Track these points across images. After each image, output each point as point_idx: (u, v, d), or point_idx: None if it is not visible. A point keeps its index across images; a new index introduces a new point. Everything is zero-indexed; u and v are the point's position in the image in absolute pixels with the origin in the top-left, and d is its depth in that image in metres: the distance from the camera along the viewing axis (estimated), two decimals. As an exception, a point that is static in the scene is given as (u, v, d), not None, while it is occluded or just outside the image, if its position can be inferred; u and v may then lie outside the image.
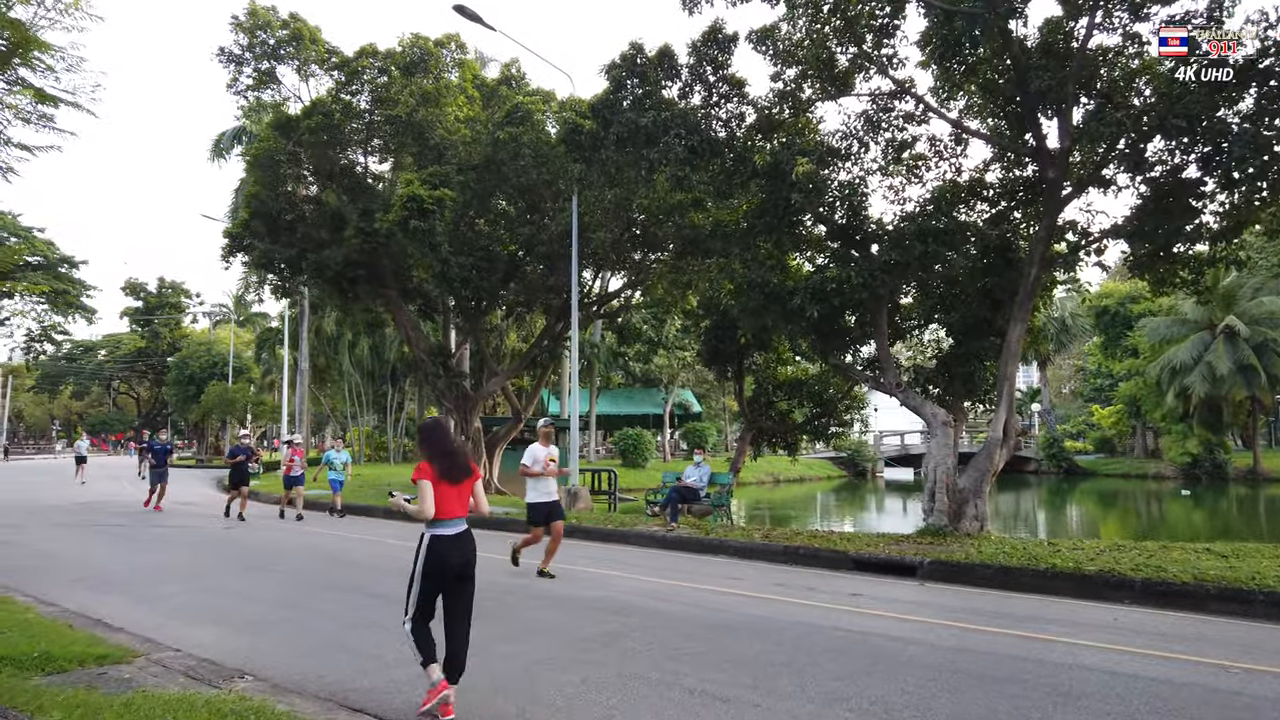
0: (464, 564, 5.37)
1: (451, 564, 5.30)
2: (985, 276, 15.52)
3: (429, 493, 5.24)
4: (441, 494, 5.30)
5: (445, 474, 5.34)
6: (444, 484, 5.32)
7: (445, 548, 5.30)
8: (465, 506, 5.48)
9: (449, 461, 5.40)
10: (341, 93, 22.25)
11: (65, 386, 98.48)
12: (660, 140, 14.87)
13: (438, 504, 5.26)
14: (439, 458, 5.39)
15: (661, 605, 8.93)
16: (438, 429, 5.64)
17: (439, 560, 5.28)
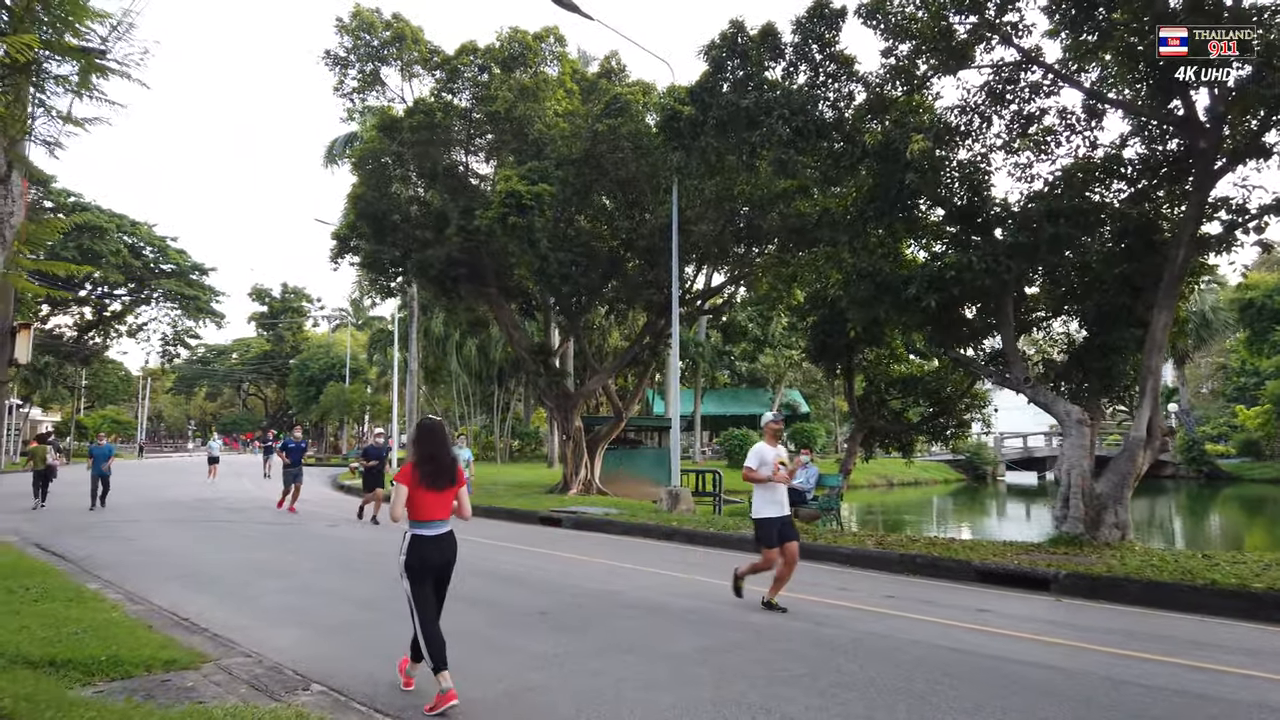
0: (443, 564, 5.59)
1: (432, 563, 5.51)
2: (1124, 261, 14.11)
3: (402, 497, 5.41)
4: (422, 498, 5.45)
5: (427, 479, 5.47)
6: (423, 489, 5.45)
7: (426, 548, 5.49)
8: (448, 510, 5.63)
9: (433, 468, 5.49)
10: (443, 91, 22.26)
11: (200, 388, 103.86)
12: (763, 123, 14.08)
13: (419, 507, 5.45)
14: (423, 463, 5.51)
15: (763, 619, 8.19)
16: (429, 435, 5.65)
17: (419, 559, 5.48)
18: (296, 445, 19.84)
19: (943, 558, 11.35)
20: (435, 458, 5.53)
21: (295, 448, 19.77)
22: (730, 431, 41.00)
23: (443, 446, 5.61)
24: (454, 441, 13.98)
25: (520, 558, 12.57)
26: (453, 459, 5.67)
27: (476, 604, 8.91)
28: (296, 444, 19.85)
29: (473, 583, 10.20)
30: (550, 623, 7.99)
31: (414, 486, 5.42)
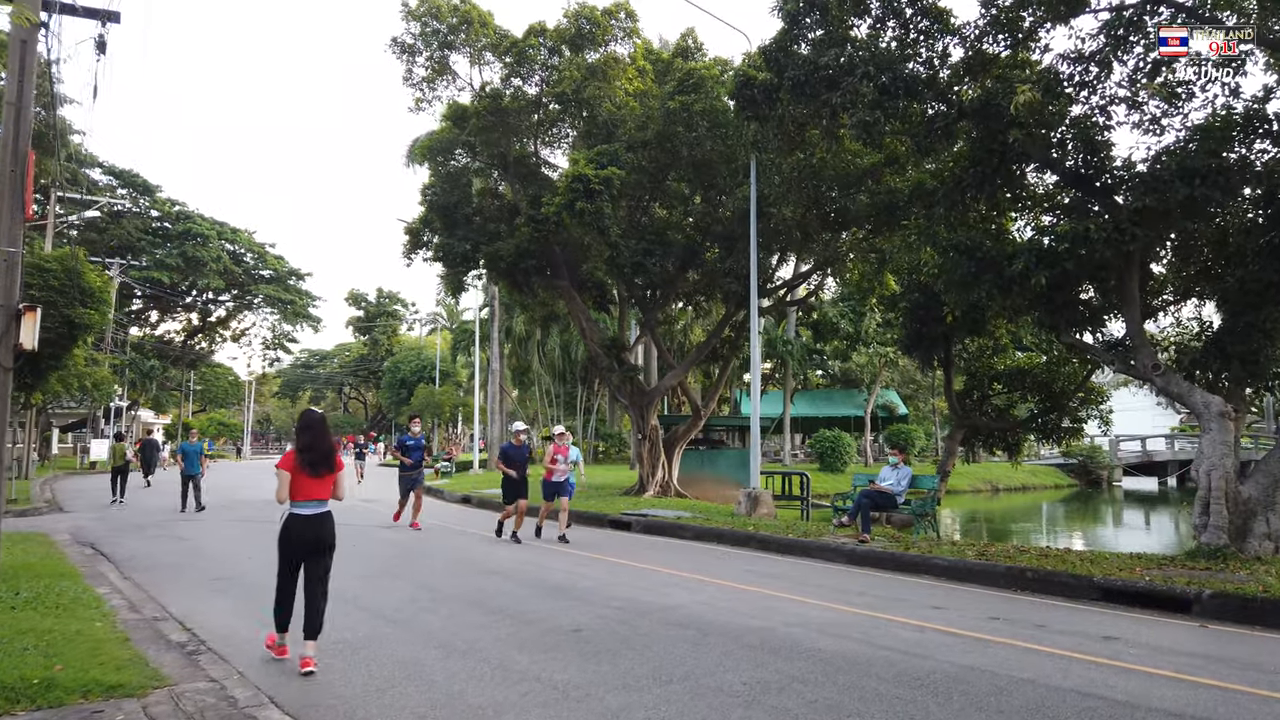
0: (316, 539, 6.25)
1: (305, 538, 6.23)
2: (1272, 229, 12.12)
3: (285, 481, 6.15)
4: (301, 482, 6.20)
5: (307, 466, 6.19)
6: (303, 474, 6.19)
7: (299, 525, 6.23)
8: (326, 493, 6.34)
9: (312, 455, 6.21)
10: (512, 77, 21.40)
11: (304, 392, 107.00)
12: (844, 83, 12.62)
13: (296, 488, 6.19)
14: (304, 451, 6.22)
15: (836, 644, 6.81)
16: (308, 427, 6.36)
17: (292, 534, 6.22)
18: (415, 443, 15.91)
19: (1057, 572, 9.71)
20: (314, 447, 6.26)
21: (414, 445, 15.89)
22: (822, 433, 39.15)
23: (322, 437, 6.35)
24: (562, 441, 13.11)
25: (575, 564, 11.45)
26: (331, 448, 6.36)
27: (507, 617, 7.82)
28: (415, 441, 15.94)
29: (513, 592, 9.14)
30: (582, 643, 6.82)
31: (295, 472, 6.17)
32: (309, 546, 6.22)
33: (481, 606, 8.37)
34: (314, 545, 6.23)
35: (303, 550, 6.21)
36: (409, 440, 15.97)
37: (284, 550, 6.22)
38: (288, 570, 6.25)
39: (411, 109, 22.20)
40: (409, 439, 15.97)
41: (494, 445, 40.38)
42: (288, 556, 6.23)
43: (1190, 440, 47.06)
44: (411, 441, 15.92)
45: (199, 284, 60.84)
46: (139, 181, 56.50)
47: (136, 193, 56.65)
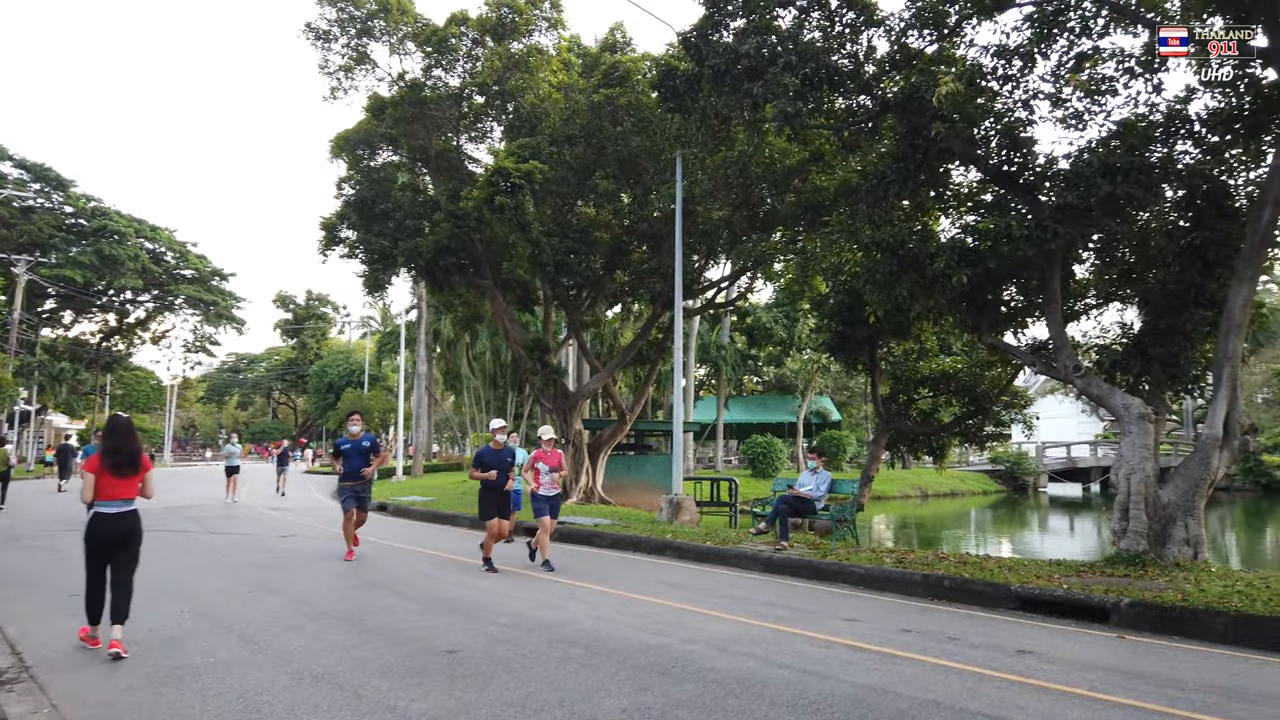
0: (119, 536, 6.61)
1: (108, 535, 6.58)
2: (1192, 231, 11.99)
3: (90, 482, 6.52)
4: (106, 482, 6.54)
5: (111, 468, 6.57)
6: (107, 474, 6.55)
7: (103, 523, 6.57)
8: (131, 492, 6.70)
9: (116, 458, 6.59)
10: (433, 68, 20.63)
11: (231, 397, 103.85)
12: (766, 73, 12.17)
13: (102, 488, 6.52)
14: (107, 454, 6.60)
15: (733, 663, 6.25)
16: (114, 431, 6.75)
17: (98, 531, 6.57)
18: (354, 446, 12.26)
19: (974, 580, 9.32)
20: (120, 449, 6.65)
21: (352, 449, 12.23)
22: (753, 439, 38.88)
23: (127, 440, 6.72)
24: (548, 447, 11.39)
25: (472, 576, 10.73)
26: (135, 450, 6.73)
27: (380, 636, 7.10)
28: (354, 444, 12.29)
29: (395, 608, 8.40)
30: (455, 665, 6.15)
31: (100, 473, 6.51)
32: (114, 543, 6.60)
33: (355, 624, 7.63)
34: (118, 541, 6.62)
35: (108, 546, 6.59)
36: (344, 444, 12.35)
37: (90, 547, 6.59)
38: (95, 566, 6.63)
39: (326, 98, 21.28)
40: (344, 441, 12.43)
41: (420, 450, 39.27)
42: (94, 553, 6.60)
43: (1113, 447, 48.02)
44: (348, 445, 12.25)
45: (116, 284, 58.42)
46: (51, 176, 54.01)
47: (49, 187, 54.18)
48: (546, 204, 20.07)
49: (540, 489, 11.49)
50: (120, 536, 6.60)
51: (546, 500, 11.54)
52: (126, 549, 6.68)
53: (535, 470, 11.51)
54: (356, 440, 12.35)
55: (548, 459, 11.58)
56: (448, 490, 26.60)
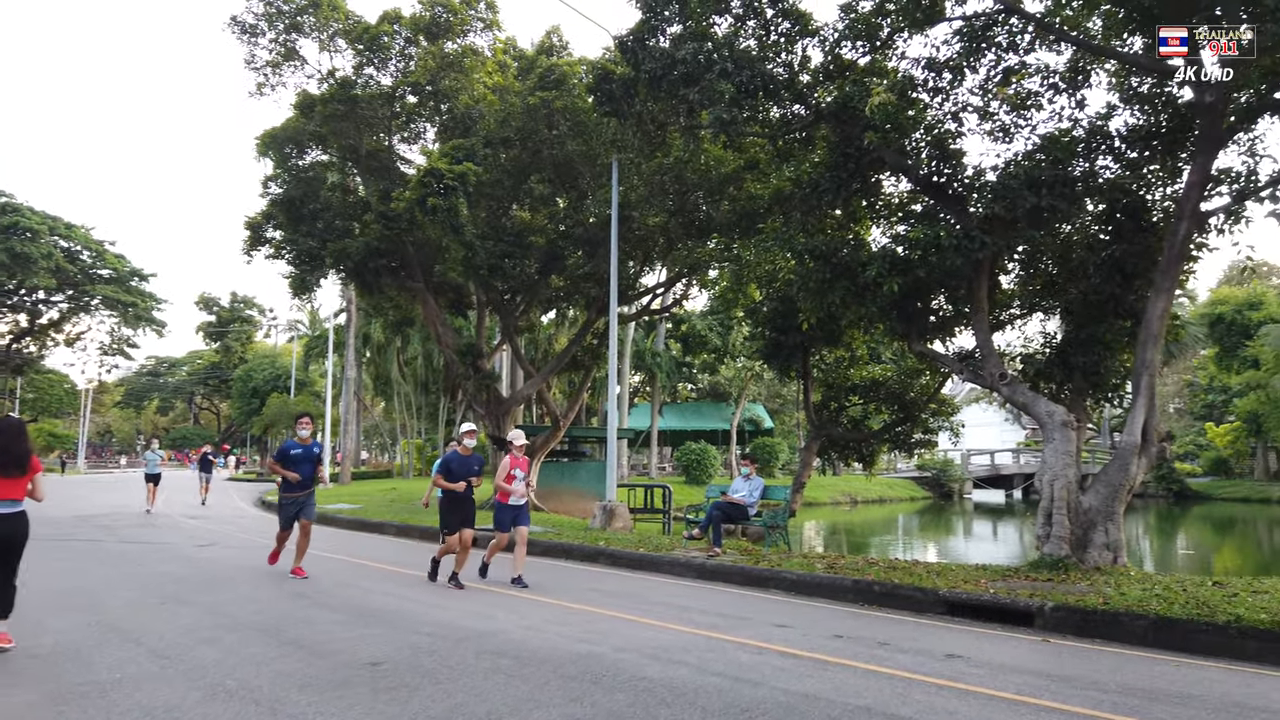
0: (7, 537, 6.70)
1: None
2: (1112, 244, 12.39)
3: None
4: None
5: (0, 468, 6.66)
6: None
7: None
8: (19, 493, 6.78)
9: (5, 458, 6.65)
10: (365, 66, 20.21)
11: (150, 402, 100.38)
12: (702, 79, 12.18)
13: None
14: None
15: (665, 671, 6.15)
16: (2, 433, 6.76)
17: None
18: (304, 452, 10.78)
19: (904, 585, 9.40)
20: (7, 450, 6.69)
21: (303, 455, 10.75)
22: (687, 445, 39.00)
23: (16, 442, 6.76)
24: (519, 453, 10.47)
25: (400, 585, 10.45)
26: (24, 452, 6.77)
27: (301, 649, 6.83)
28: (305, 450, 10.80)
29: (319, 619, 8.10)
30: (378, 677, 5.93)
31: None
32: (3, 544, 6.71)
33: (275, 636, 7.34)
34: (6, 542, 6.73)
35: None
36: (294, 448, 10.80)
37: None
38: None
39: (253, 94, 20.68)
40: (293, 446, 10.85)
41: (347, 459, 38.41)
42: None
43: (1035, 454, 49.42)
44: (299, 450, 10.75)
45: (27, 283, 55.99)
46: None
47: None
48: (481, 207, 19.81)
49: (511, 498, 10.34)
50: (8, 538, 6.73)
51: (517, 510, 10.45)
52: (13, 549, 6.81)
53: (510, 477, 10.29)
54: (308, 445, 10.84)
55: (520, 465, 10.46)
56: (375, 498, 26.06)
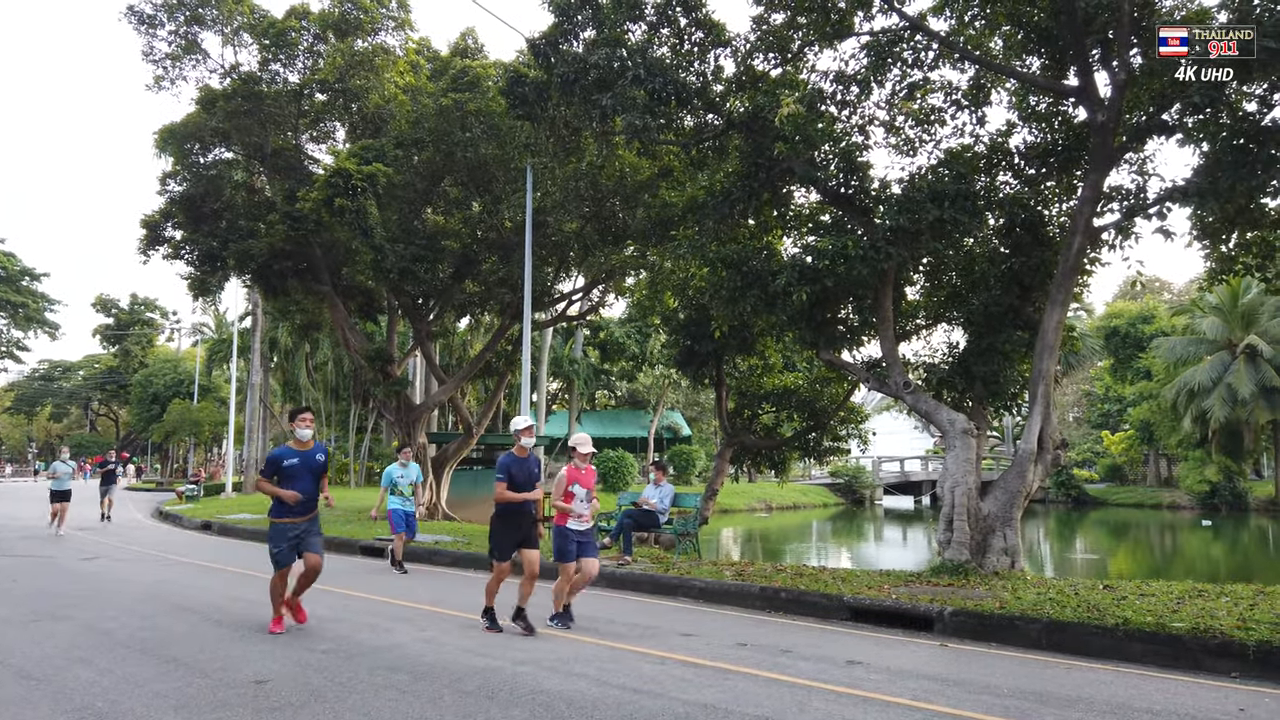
0: None
1: None
2: (1011, 258, 12.80)
3: None
4: None
5: None
6: None
7: None
8: None
9: None
10: (271, 61, 19.59)
11: (43, 407, 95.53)
12: (615, 85, 12.13)
13: None
14: None
15: (565, 684, 6.02)
16: None
17: None
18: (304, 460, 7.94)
19: (810, 591, 9.47)
20: None
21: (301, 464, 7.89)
22: (605, 453, 38.90)
23: None
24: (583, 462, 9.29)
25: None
26: None
27: (182, 667, 6.47)
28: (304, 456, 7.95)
29: (206, 635, 7.71)
30: (262, 697, 5.64)
31: None
32: None
33: (157, 654, 6.94)
34: None
35: None
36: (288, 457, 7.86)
37: None
38: None
39: (150, 87, 19.82)
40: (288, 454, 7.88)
41: (252, 466, 37.04)
42: None
43: (943, 461, 50.91)
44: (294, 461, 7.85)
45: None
46: None
47: None
48: (391, 209, 19.40)
49: (573, 520, 8.21)
50: None
51: (583, 537, 8.34)
52: None
53: (569, 495, 8.19)
54: (307, 451, 7.89)
55: (584, 479, 8.33)
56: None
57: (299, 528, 7.91)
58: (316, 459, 8.07)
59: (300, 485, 7.81)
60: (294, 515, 7.87)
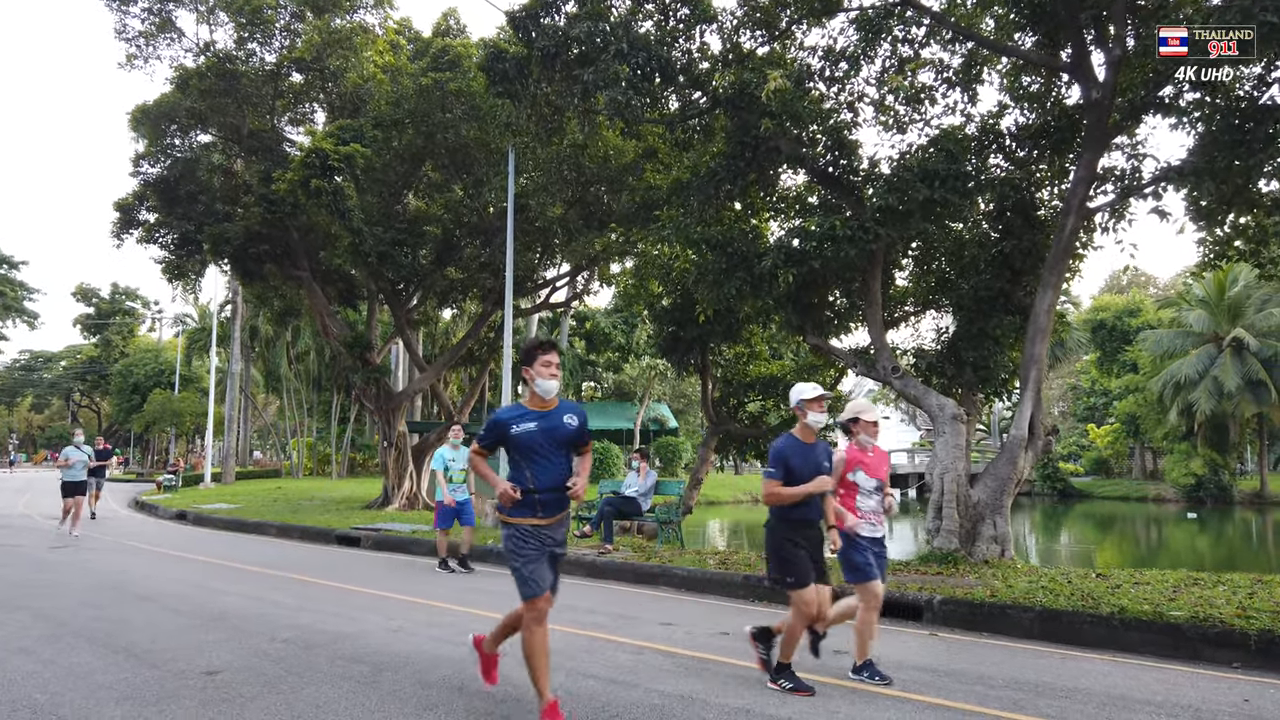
0: None
1: None
2: (1002, 241, 12.52)
3: None
4: None
5: None
6: None
7: None
8: None
9: None
10: (248, 40, 19.12)
11: (23, 398, 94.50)
12: (597, 60, 11.77)
13: None
14: None
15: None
16: None
17: None
18: (545, 425, 4.86)
19: (795, 581, 9.16)
20: None
21: (540, 431, 4.84)
22: (590, 444, 38.52)
23: None
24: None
25: (264, 588, 9.68)
26: None
27: (132, 657, 6.14)
28: (545, 420, 4.87)
29: (163, 624, 7.36)
30: (211, 689, 5.30)
31: None
32: None
33: (106, 644, 6.58)
34: None
35: None
36: (520, 419, 4.90)
37: None
38: None
39: (123, 65, 19.30)
40: (519, 415, 4.93)
41: (230, 457, 36.56)
42: None
43: (928, 453, 50.79)
44: (530, 426, 4.86)
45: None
46: None
47: None
48: (372, 193, 18.99)
49: (861, 525, 5.82)
50: None
51: (877, 546, 5.93)
52: None
53: (850, 487, 5.91)
54: (551, 413, 4.93)
55: (872, 464, 5.96)
56: (258, 497, 24.82)
57: (553, 535, 4.92)
58: (566, 425, 4.88)
59: (544, 466, 4.81)
60: (539, 514, 4.81)
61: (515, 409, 4.99)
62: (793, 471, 5.52)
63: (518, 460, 4.87)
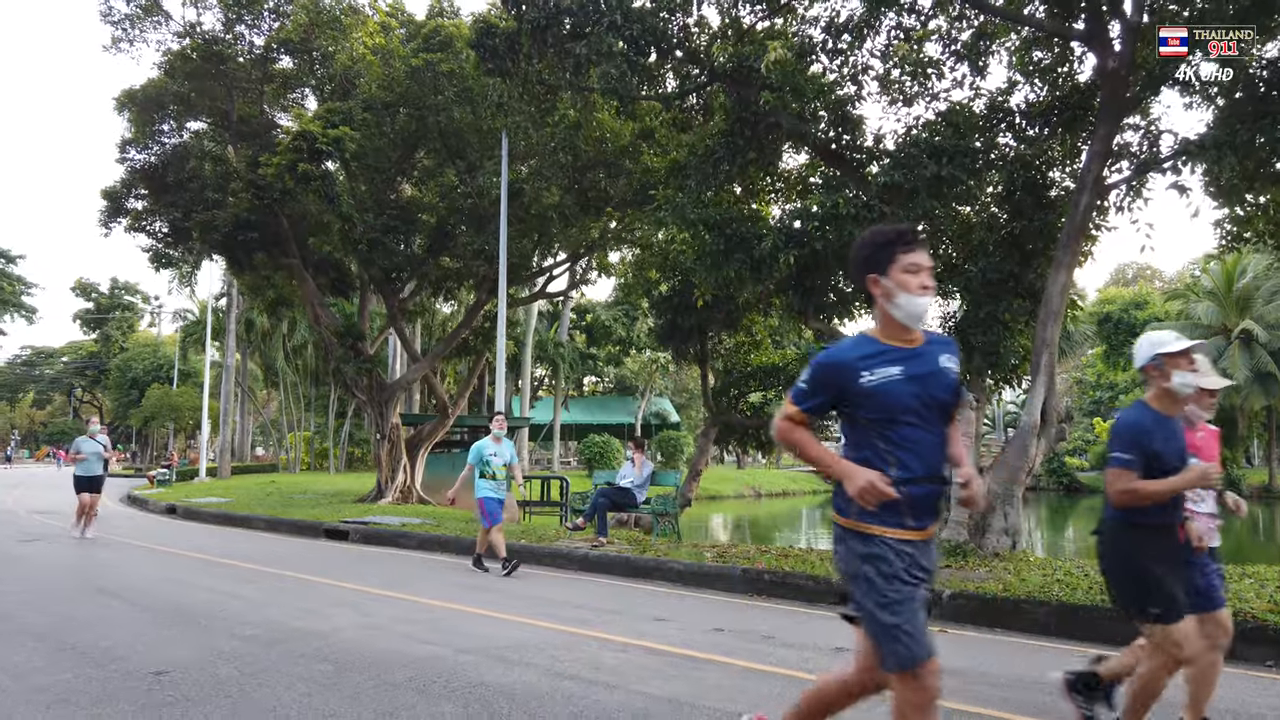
0: None
1: None
2: (1011, 222, 12.01)
3: None
4: None
5: None
6: None
7: None
8: None
9: None
10: (236, 23, 18.66)
11: (25, 395, 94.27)
12: (590, 33, 11.29)
13: None
14: None
15: (509, 675, 5.23)
16: None
17: None
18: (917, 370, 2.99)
19: (795, 573, 8.71)
20: None
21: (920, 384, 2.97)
22: (591, 438, 38.09)
23: None
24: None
25: (235, 582, 9.24)
26: None
27: (80, 655, 5.71)
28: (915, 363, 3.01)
29: (120, 620, 6.93)
30: (156, 691, 4.84)
31: None
32: None
33: (52, 642, 6.14)
34: None
35: None
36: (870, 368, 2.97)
37: None
38: None
39: (108, 48, 18.84)
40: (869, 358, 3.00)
41: (225, 451, 36.21)
42: None
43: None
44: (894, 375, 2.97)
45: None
46: None
47: None
48: (363, 179, 18.54)
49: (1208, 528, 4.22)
50: None
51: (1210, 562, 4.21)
52: None
53: None
54: (916, 350, 3.08)
55: (1205, 449, 4.27)
56: (251, 491, 24.40)
57: (925, 561, 3.02)
58: (945, 370, 3.09)
59: (917, 441, 2.96)
60: (909, 521, 2.96)
61: (861, 342, 3.09)
62: (1157, 458, 3.76)
63: (866, 432, 2.99)
